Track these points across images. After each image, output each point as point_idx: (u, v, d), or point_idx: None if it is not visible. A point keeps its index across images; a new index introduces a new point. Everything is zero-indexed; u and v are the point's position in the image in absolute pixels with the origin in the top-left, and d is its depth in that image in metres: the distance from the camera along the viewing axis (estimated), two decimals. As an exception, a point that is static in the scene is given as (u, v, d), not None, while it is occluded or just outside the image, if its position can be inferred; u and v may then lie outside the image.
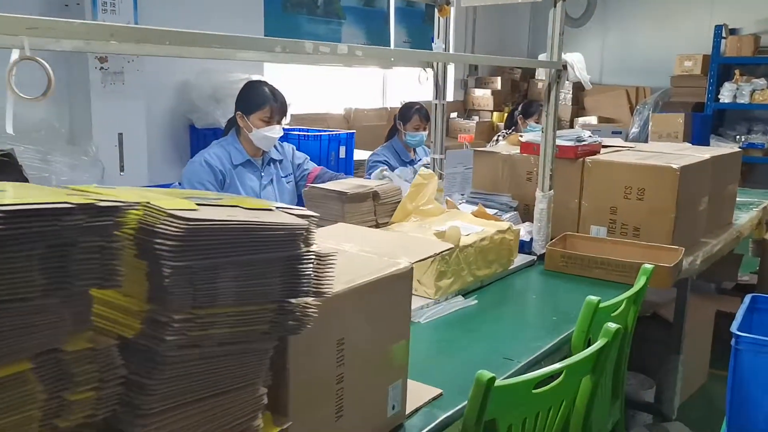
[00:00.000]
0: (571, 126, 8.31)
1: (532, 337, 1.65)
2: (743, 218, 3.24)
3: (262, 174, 2.65)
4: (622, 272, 2.09)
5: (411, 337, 1.63)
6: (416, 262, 1.15)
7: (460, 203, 2.72)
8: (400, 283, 1.11)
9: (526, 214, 2.72)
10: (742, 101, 6.99)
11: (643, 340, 2.89)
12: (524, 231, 2.38)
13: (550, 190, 2.31)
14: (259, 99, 2.57)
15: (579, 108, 8.49)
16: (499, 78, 8.42)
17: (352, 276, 1.04)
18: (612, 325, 1.44)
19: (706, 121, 7.23)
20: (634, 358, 2.91)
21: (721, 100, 7.12)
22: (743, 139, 7.22)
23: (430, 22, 8.05)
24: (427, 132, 3.68)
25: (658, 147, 3.04)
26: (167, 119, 4.90)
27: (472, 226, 2.04)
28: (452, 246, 1.25)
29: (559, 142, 2.60)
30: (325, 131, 4.87)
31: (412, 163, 3.67)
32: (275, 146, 2.74)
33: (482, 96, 8.30)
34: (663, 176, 2.35)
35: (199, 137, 4.97)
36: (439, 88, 2.49)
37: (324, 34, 6.21)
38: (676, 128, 7.00)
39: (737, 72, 7.08)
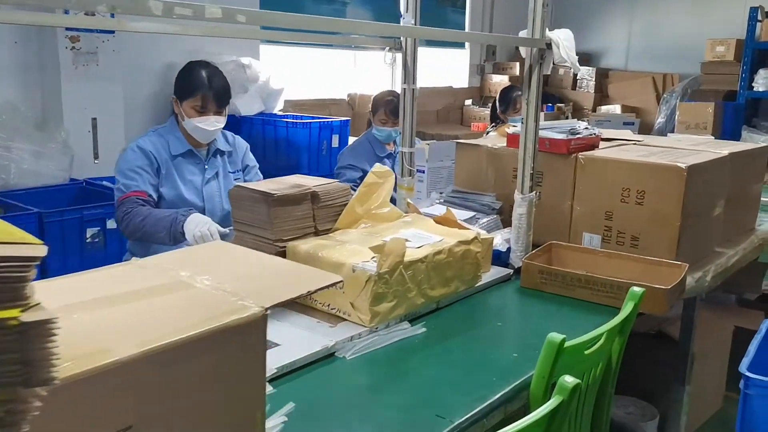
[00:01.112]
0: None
1: (480, 382, 1.32)
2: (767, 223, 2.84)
3: (206, 167, 2.34)
4: (609, 293, 1.74)
5: (325, 377, 1.32)
6: (272, 306, 0.82)
7: (436, 203, 2.39)
8: (240, 338, 0.79)
9: (510, 217, 2.37)
10: (778, 90, 6.47)
11: (646, 361, 2.53)
12: (501, 239, 2.04)
13: (531, 191, 1.96)
14: (191, 85, 2.25)
15: (602, 96, 8.02)
16: (517, 63, 8.00)
17: (161, 330, 0.72)
18: (569, 380, 1.10)
19: (738, 111, 6.72)
20: (638, 381, 2.56)
21: (755, 89, 6.60)
22: (779, 131, 6.71)
23: (446, 2, 7.65)
24: (397, 128, 3.34)
25: (672, 141, 2.66)
26: (150, 104, 4.63)
27: (429, 235, 1.71)
28: (339, 280, 0.92)
29: (549, 134, 2.24)
30: (317, 118, 4.55)
31: (390, 156, 3.32)
32: (225, 137, 2.43)
33: (499, 82, 7.87)
34: (667, 176, 1.99)
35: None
36: (408, 71, 2.15)
37: (325, 13, 5.86)
38: (705, 118, 6.53)
39: (774, 58, 6.56)
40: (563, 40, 1.87)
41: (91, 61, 3.94)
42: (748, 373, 1.56)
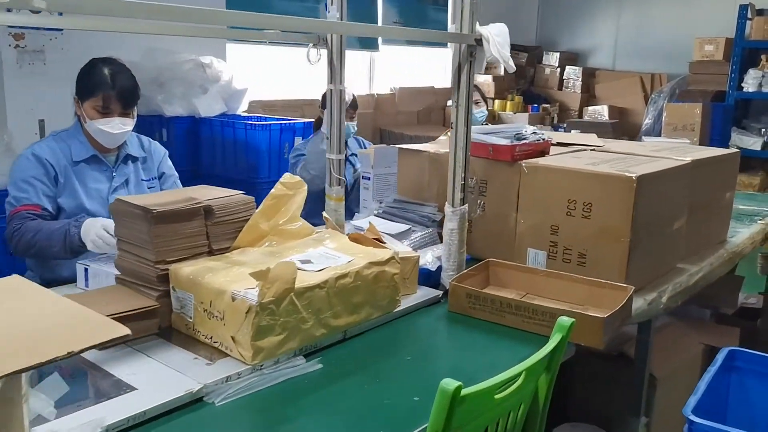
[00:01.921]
0: (580, 116, 7.67)
1: (366, 434, 1.12)
2: (742, 233, 2.65)
3: (114, 174, 2.14)
4: (542, 321, 1.54)
5: (184, 430, 1.13)
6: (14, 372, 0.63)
7: (375, 214, 2.20)
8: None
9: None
10: (768, 90, 6.27)
11: (606, 385, 2.34)
12: (432, 257, 1.84)
13: (463, 204, 1.76)
14: (92, 83, 2.05)
15: (589, 96, 7.83)
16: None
17: None
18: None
19: (727, 113, 6.53)
20: (596, 406, 2.37)
21: (744, 89, 6.41)
22: (769, 133, 6.51)
23: (427, 0, 7.45)
24: (355, 122, 3.14)
25: (635, 146, 2.47)
26: (108, 105, 4.42)
27: (337, 256, 1.52)
28: (123, 334, 0.73)
29: (492, 140, 2.05)
30: (279, 119, 4.35)
31: (346, 159, 3.13)
32: (140, 141, 2.23)
33: (483, 82, 7.68)
34: (615, 187, 1.79)
35: (145, 125, 4.48)
36: (335, 69, 1.95)
37: (297, 12, 5.66)
38: (693, 120, 6.34)
39: (764, 57, 6.36)
40: (495, 36, 1.68)
41: (37, 59, 3.75)
42: (692, 417, 1.37)
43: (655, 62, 7.41)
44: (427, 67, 7.42)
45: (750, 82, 6.35)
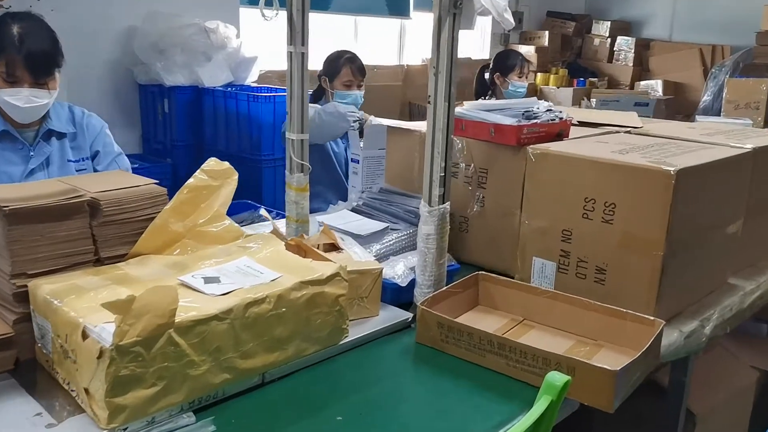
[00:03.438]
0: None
1: None
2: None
3: (32, 153, 1.79)
4: (532, 367, 1.14)
5: None
6: None
7: (352, 207, 1.81)
8: None
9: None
10: None
11: (635, 420, 1.92)
12: (404, 267, 1.44)
13: (443, 202, 1.36)
14: None
15: (642, 70, 7.20)
16: (546, 32, 7.23)
17: None
18: None
19: (797, 89, 5.84)
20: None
21: (819, 63, 5.71)
22: None
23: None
24: (363, 90, 2.73)
25: (684, 129, 2.00)
26: (105, 75, 4.12)
27: (261, 271, 1.14)
28: None
29: (494, 118, 1.63)
30: (277, 90, 3.97)
31: (344, 135, 2.73)
32: (72, 114, 1.89)
33: (525, 53, 7.10)
34: (646, 184, 1.35)
35: (147, 96, 4.19)
36: (295, 27, 1.55)
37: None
38: (758, 97, 5.67)
39: (843, 27, 5.64)
40: (486, -20, 1.25)
41: (22, 22, 3.45)
42: None
43: (716, 33, 6.72)
44: (463, 36, 6.90)
45: (826, 56, 5.65)
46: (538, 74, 7.04)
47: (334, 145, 2.68)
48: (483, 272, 1.47)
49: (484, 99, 3.36)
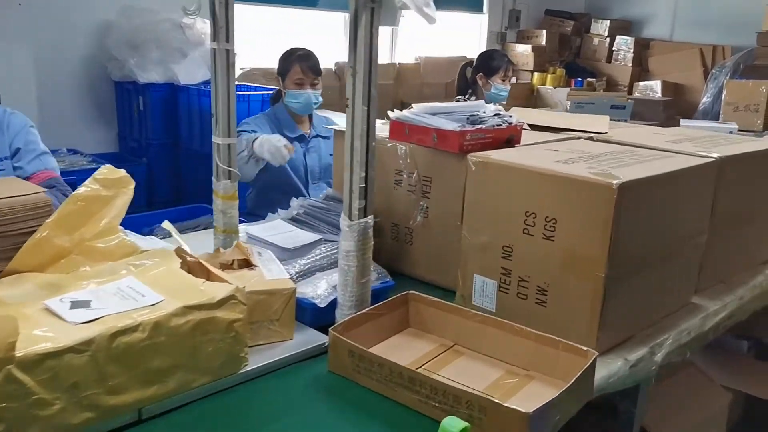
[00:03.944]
0: (630, 92, 6.90)
1: None
2: (795, 251, 2.03)
3: None
4: (443, 405, 1.02)
5: None
6: None
7: (293, 215, 1.69)
8: None
9: (384, 242, 1.66)
10: None
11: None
12: (327, 286, 1.33)
13: (364, 216, 1.24)
14: None
15: (642, 70, 7.04)
16: (544, 31, 7.09)
17: None
18: None
19: (799, 91, 5.67)
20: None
21: (821, 65, 5.54)
22: None
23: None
24: (318, 90, 2.59)
25: (651, 135, 1.87)
26: (81, 70, 4.03)
27: (142, 293, 1.03)
28: None
29: (438, 123, 1.51)
30: (262, 89, 3.86)
31: (302, 139, 2.61)
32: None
33: (522, 53, 7.00)
34: (586, 198, 1.23)
35: (123, 93, 4.09)
36: (219, 22, 1.44)
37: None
38: (757, 99, 5.51)
39: None
40: (406, -27, 1.13)
41: (-13, 16, 3.36)
42: None
43: (718, 33, 6.55)
44: (458, 34, 6.77)
45: (829, 57, 5.48)
46: (535, 74, 6.90)
47: None
48: (413, 292, 1.35)
49: (465, 98, 3.23)
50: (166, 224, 1.22)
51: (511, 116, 1.57)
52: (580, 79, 6.91)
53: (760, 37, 6.00)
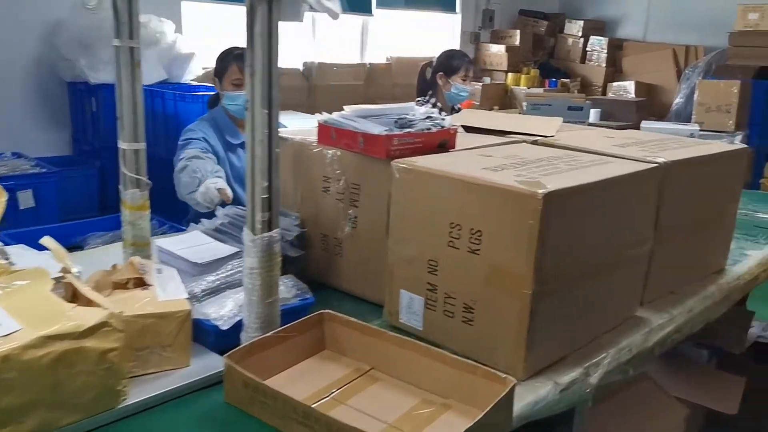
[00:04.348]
0: (604, 93, 6.85)
1: None
2: (752, 257, 1.95)
3: None
4: (339, 442, 0.91)
5: None
6: None
7: (216, 226, 1.58)
8: None
9: (313, 254, 1.55)
10: (821, 67, 5.36)
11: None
12: (233, 306, 1.22)
13: (269, 229, 1.13)
14: None
15: (615, 70, 7.00)
16: (518, 31, 7.02)
17: None
18: None
19: (770, 92, 5.65)
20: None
21: (792, 65, 5.52)
22: (820, 117, 5.61)
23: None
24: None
25: (598, 139, 1.78)
26: (33, 70, 3.88)
27: (0, 322, 0.91)
28: None
29: (364, 126, 1.41)
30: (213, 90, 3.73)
31: (243, 146, 2.48)
32: None
33: (496, 53, 6.93)
34: (510, 208, 1.13)
35: (75, 94, 3.95)
36: (121, 18, 1.32)
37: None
38: (729, 100, 5.48)
39: (818, 28, 5.45)
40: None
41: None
42: None
43: (691, 33, 6.53)
44: (431, 34, 6.68)
45: (800, 57, 5.45)
46: (509, 74, 6.83)
47: (234, 157, 2.43)
48: (329, 311, 1.24)
49: (425, 98, 3.13)
50: (46, 240, 1.10)
51: (444, 119, 1.47)
52: (554, 79, 6.85)
53: (731, 37, 5.98)
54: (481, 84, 6.57)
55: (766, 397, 2.25)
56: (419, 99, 3.17)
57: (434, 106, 3.10)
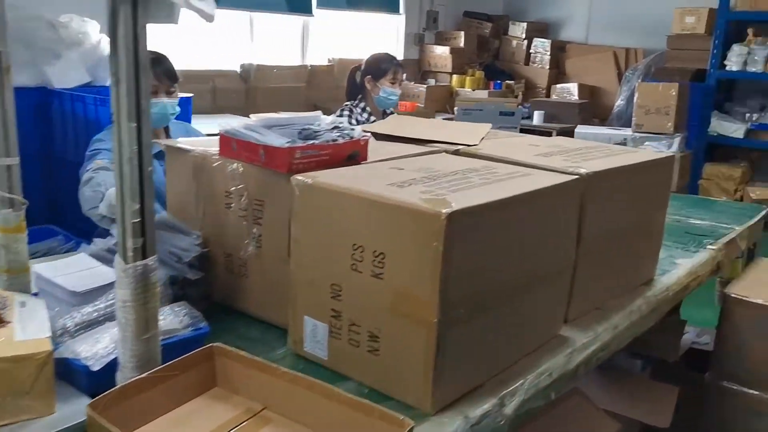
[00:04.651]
0: (548, 95, 6.89)
1: None
2: (681, 266, 1.91)
3: None
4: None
5: None
6: None
7: (109, 247, 1.44)
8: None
9: (217, 275, 1.43)
10: (754, 69, 5.48)
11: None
12: (109, 342, 1.09)
13: (143, 257, 1.01)
14: None
15: (559, 72, 7.04)
16: (462, 33, 6.99)
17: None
18: None
19: (707, 94, 5.76)
20: None
21: (727, 67, 5.62)
22: (754, 118, 5.74)
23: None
24: (176, 99, 2.31)
25: (522, 148, 1.71)
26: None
27: None
28: None
29: (264, 137, 1.29)
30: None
31: (161, 156, 2.30)
32: None
33: (440, 54, 6.88)
34: (414, 229, 1.04)
35: (23, 100, 3.69)
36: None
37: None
38: (668, 102, 5.52)
39: (750, 31, 5.56)
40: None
41: None
42: None
43: (632, 36, 6.61)
44: (374, 36, 6.60)
45: (734, 60, 5.57)
46: (454, 76, 6.79)
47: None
48: (219, 344, 1.12)
49: (354, 103, 3.03)
50: None
51: (353, 129, 1.37)
52: (498, 81, 6.85)
53: (669, 40, 6.07)
54: (425, 86, 6.51)
55: (699, 404, 2.22)
56: (347, 103, 3.06)
57: (364, 110, 3.00)
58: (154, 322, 1.04)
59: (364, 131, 1.44)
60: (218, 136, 1.40)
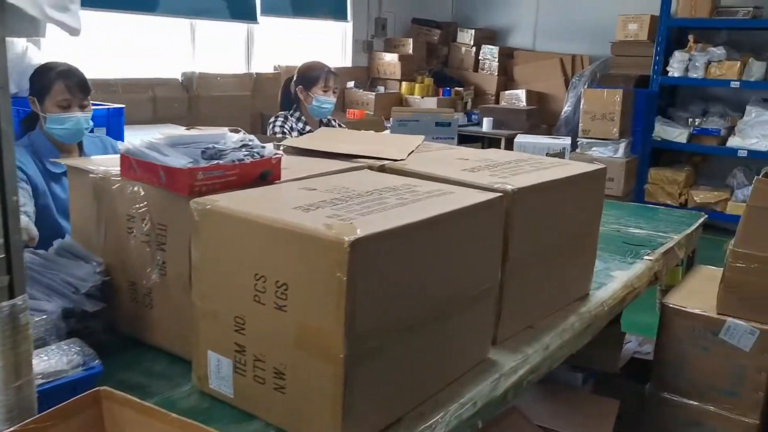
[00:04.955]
0: (497, 101, 6.90)
1: None
2: (617, 279, 1.87)
3: None
4: None
5: None
6: None
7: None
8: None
9: (121, 304, 1.33)
10: (695, 75, 5.57)
11: None
12: (-22, 388, 0.98)
13: (11, 297, 0.90)
14: None
15: (507, 79, 7.06)
16: (411, 40, 6.96)
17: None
18: None
19: (651, 100, 5.83)
20: None
21: (669, 73, 5.71)
22: (697, 123, 5.84)
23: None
24: (89, 113, 2.18)
25: (451, 161, 1.65)
26: None
27: None
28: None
29: (164, 157, 1.20)
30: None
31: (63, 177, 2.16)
32: None
33: (389, 62, 6.83)
34: (317, 257, 0.96)
35: None
36: None
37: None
38: (613, 108, 5.59)
39: (691, 38, 5.67)
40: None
41: None
42: None
43: (577, 42, 6.67)
44: (322, 43, 6.51)
45: (675, 66, 5.65)
46: (403, 83, 6.75)
47: (57, 188, 2.12)
48: (106, 388, 1.02)
49: (289, 113, 2.93)
50: None
51: (264, 147, 1.28)
52: (448, 88, 6.84)
53: (613, 46, 6.15)
54: (374, 93, 6.45)
55: (638, 416, 2.20)
56: (279, 114, 2.95)
57: (299, 119, 2.91)
58: (27, 367, 0.93)
59: (277, 146, 1.35)
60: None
